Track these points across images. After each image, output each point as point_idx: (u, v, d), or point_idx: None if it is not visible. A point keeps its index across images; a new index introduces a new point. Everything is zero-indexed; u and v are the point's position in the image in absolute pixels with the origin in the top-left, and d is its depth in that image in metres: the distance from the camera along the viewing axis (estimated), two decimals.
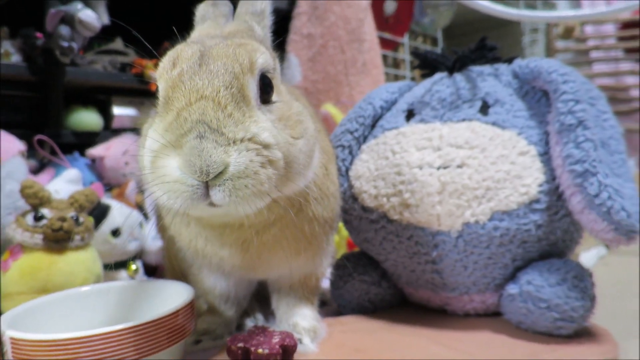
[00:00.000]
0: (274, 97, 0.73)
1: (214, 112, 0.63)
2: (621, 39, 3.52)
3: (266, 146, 0.65)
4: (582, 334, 0.90)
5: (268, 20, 0.84)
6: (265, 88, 0.71)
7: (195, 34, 0.84)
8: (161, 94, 0.69)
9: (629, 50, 3.44)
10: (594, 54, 3.62)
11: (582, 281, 0.88)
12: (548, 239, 0.94)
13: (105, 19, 1.78)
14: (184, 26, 0.92)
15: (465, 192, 0.93)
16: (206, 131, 0.61)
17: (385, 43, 2.87)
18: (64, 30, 1.71)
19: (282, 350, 0.79)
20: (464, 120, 1.00)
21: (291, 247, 0.84)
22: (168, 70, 0.69)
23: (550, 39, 3.54)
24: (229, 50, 0.69)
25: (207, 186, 0.61)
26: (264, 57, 0.72)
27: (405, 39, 3.19)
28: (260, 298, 1.12)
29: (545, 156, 0.94)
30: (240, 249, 0.81)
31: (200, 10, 0.89)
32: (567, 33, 3.51)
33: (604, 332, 0.92)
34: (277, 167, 0.67)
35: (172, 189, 0.62)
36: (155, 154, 0.64)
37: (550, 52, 3.54)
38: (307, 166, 0.77)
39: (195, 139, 0.61)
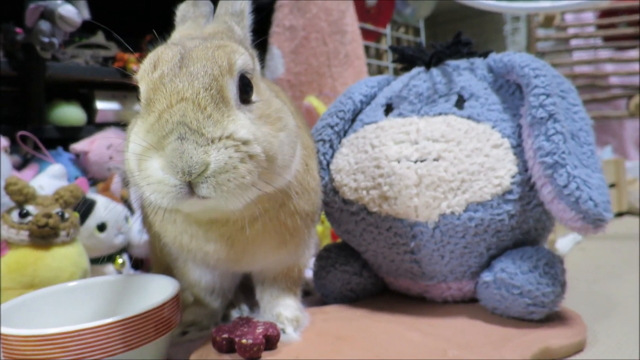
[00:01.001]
0: (254, 97, 0.75)
1: (194, 114, 0.65)
2: (600, 27, 3.56)
3: (245, 142, 0.67)
4: (553, 318, 0.95)
5: (247, 20, 0.86)
6: (245, 88, 0.74)
7: (175, 35, 0.85)
8: (143, 95, 0.71)
9: (607, 38, 3.49)
10: (574, 42, 3.67)
11: (552, 268, 0.92)
12: (521, 228, 0.98)
13: (86, 14, 1.77)
14: (165, 19, 0.93)
15: (441, 185, 0.96)
16: (187, 132, 0.63)
17: (367, 34, 2.89)
18: (44, 25, 1.70)
19: (266, 340, 0.82)
20: (440, 114, 1.03)
21: (274, 240, 0.87)
22: (149, 73, 0.70)
23: (531, 27, 3.58)
24: (208, 53, 0.71)
25: (190, 185, 0.64)
26: (243, 58, 0.74)
27: (387, 30, 3.20)
28: (245, 289, 1.15)
29: (519, 148, 0.98)
30: (225, 244, 0.84)
31: (180, 10, 0.90)
32: (548, 21, 3.54)
33: (574, 316, 0.97)
34: (258, 161, 0.69)
35: (156, 190, 0.64)
36: (138, 157, 0.66)
37: (531, 40, 3.58)
38: (290, 159, 0.80)
39: (177, 141, 0.63)
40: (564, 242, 1.70)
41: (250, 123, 0.71)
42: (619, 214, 2.32)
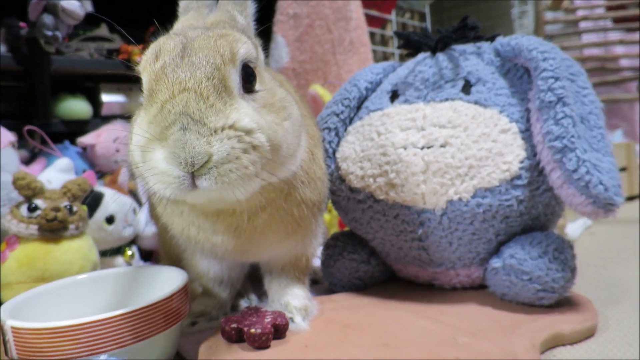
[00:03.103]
0: (257, 86, 0.74)
1: (197, 104, 0.64)
2: (610, 8, 3.50)
3: (248, 132, 0.67)
4: (563, 303, 0.94)
5: (251, 8, 0.85)
6: (248, 77, 0.73)
7: (178, 25, 0.85)
8: (145, 86, 0.70)
9: (617, 20, 3.43)
10: (583, 25, 3.61)
11: (562, 253, 0.91)
12: (530, 214, 0.97)
13: (89, 7, 1.77)
14: (168, 10, 0.92)
15: (448, 171, 0.95)
16: (189, 123, 0.63)
17: (372, 20, 2.85)
18: (48, 19, 1.70)
19: (274, 329, 0.82)
20: (446, 100, 1.02)
21: (281, 230, 0.87)
22: (151, 63, 0.70)
23: (539, 10, 3.52)
24: (210, 42, 0.70)
25: (193, 176, 0.63)
26: (246, 47, 0.73)
27: (392, 16, 3.16)
28: (253, 279, 1.15)
29: (527, 133, 0.96)
30: (233, 235, 0.84)
31: (183, 1, 0.89)
32: (556, 4, 3.49)
33: (584, 301, 0.96)
34: (262, 151, 0.68)
35: (160, 181, 0.64)
36: (142, 148, 0.66)
37: (539, 23, 3.52)
38: (296, 148, 0.79)
39: (179, 131, 0.62)
40: (573, 227, 1.69)
41: (254, 112, 0.70)
42: (630, 198, 2.30)
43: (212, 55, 0.68)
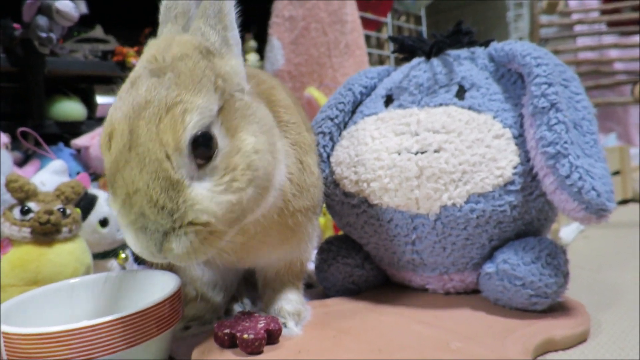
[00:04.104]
0: (220, 142, 0.70)
1: (149, 207, 0.65)
2: (604, 12, 3.52)
3: (205, 224, 0.68)
4: (556, 308, 0.94)
5: (229, 18, 0.76)
6: (206, 144, 0.68)
7: (142, 61, 0.76)
8: (106, 169, 0.70)
9: (611, 24, 3.45)
10: (578, 28, 3.63)
11: (555, 259, 0.91)
12: (523, 219, 0.97)
13: (83, 8, 1.76)
14: None
15: (442, 176, 0.95)
16: (147, 223, 0.65)
17: (368, 23, 2.86)
18: (42, 20, 1.69)
19: (268, 334, 0.82)
20: (440, 105, 1.02)
21: (276, 238, 0.88)
22: (106, 150, 0.69)
23: (534, 13, 3.54)
24: (152, 131, 0.65)
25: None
26: (199, 114, 0.67)
27: (388, 19, 3.17)
28: (248, 282, 1.15)
29: (520, 138, 0.97)
30: (227, 247, 0.83)
31: (163, 6, 0.83)
32: (551, 8, 3.50)
33: (577, 306, 0.97)
34: (221, 234, 0.71)
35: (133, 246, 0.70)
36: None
37: (534, 26, 3.54)
38: (267, 192, 0.77)
39: (140, 231, 0.66)
40: (567, 231, 1.70)
41: (211, 195, 0.68)
42: (624, 202, 2.31)
43: (154, 149, 0.65)
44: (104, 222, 1.35)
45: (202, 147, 0.67)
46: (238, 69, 0.77)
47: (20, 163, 1.72)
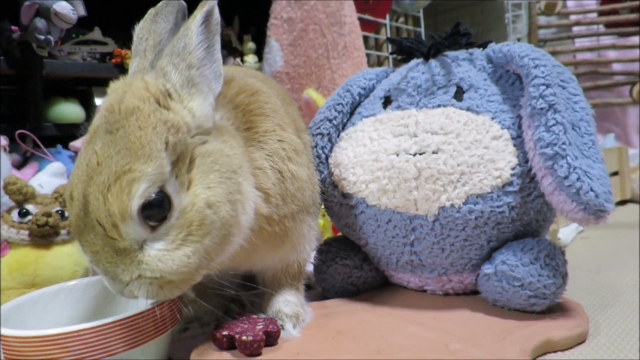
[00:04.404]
0: (175, 199, 0.70)
1: (108, 266, 0.70)
2: (602, 13, 3.53)
3: (160, 278, 0.71)
4: (555, 309, 0.94)
5: (196, 55, 0.73)
6: (159, 205, 0.68)
7: (102, 108, 0.75)
8: (71, 228, 0.75)
9: (609, 25, 3.46)
10: (576, 29, 3.64)
11: (553, 259, 0.91)
12: (522, 220, 0.97)
13: (81, 10, 1.76)
14: None
15: (440, 177, 0.95)
16: (109, 275, 0.72)
17: (366, 25, 2.86)
18: (40, 23, 1.69)
19: (266, 336, 0.82)
20: (439, 106, 1.02)
21: (270, 245, 0.88)
22: (69, 207, 0.72)
23: (533, 14, 3.55)
24: (100, 200, 0.66)
25: None
26: (147, 181, 0.66)
27: (386, 20, 3.17)
28: (246, 284, 1.15)
29: (519, 139, 0.97)
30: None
31: (135, 37, 0.82)
32: (549, 9, 3.51)
33: (575, 306, 0.97)
34: (181, 283, 0.74)
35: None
36: None
37: (532, 28, 3.55)
38: (227, 240, 0.76)
39: (108, 279, 0.73)
40: (566, 231, 1.70)
41: (159, 256, 0.70)
42: (622, 202, 2.31)
43: (103, 219, 0.67)
44: None
45: (156, 209, 0.68)
46: (201, 111, 0.74)
47: (19, 165, 1.72)
